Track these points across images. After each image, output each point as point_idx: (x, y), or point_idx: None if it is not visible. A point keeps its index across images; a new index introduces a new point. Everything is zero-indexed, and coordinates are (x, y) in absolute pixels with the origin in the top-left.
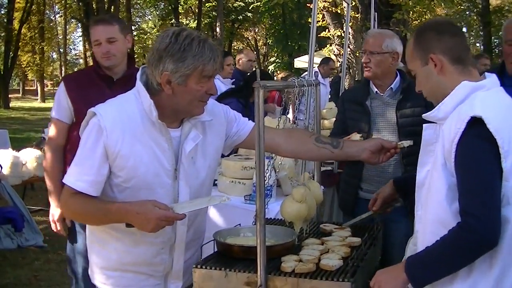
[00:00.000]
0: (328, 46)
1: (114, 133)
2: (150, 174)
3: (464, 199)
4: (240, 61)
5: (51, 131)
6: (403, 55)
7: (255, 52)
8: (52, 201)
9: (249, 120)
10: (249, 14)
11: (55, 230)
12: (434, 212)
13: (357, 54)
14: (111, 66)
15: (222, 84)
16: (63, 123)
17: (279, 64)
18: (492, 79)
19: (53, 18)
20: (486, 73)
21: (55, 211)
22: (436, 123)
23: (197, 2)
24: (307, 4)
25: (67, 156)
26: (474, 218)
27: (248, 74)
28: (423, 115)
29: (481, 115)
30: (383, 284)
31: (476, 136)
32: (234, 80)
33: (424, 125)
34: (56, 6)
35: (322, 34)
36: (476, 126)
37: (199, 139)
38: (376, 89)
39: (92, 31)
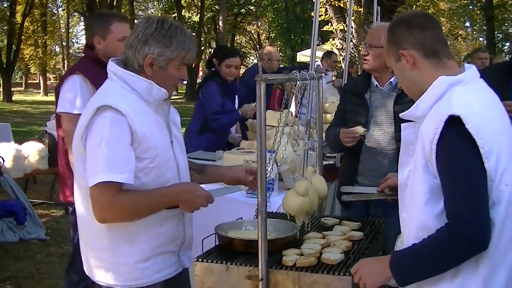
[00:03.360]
0: (330, 40)
1: (135, 116)
2: (164, 149)
3: (451, 202)
4: (268, 60)
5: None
6: None
7: (258, 46)
8: None
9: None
10: (252, 8)
11: None
12: (417, 218)
13: (360, 48)
14: None
15: None
16: None
17: (281, 58)
18: (471, 71)
19: (56, 12)
20: (465, 65)
21: None
22: (414, 121)
23: None
24: None
25: None
26: (464, 224)
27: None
28: (400, 114)
29: (459, 114)
30: (365, 276)
31: (456, 136)
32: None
33: (402, 124)
34: (59, 0)
35: (324, 28)
36: (454, 125)
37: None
38: (376, 82)
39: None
